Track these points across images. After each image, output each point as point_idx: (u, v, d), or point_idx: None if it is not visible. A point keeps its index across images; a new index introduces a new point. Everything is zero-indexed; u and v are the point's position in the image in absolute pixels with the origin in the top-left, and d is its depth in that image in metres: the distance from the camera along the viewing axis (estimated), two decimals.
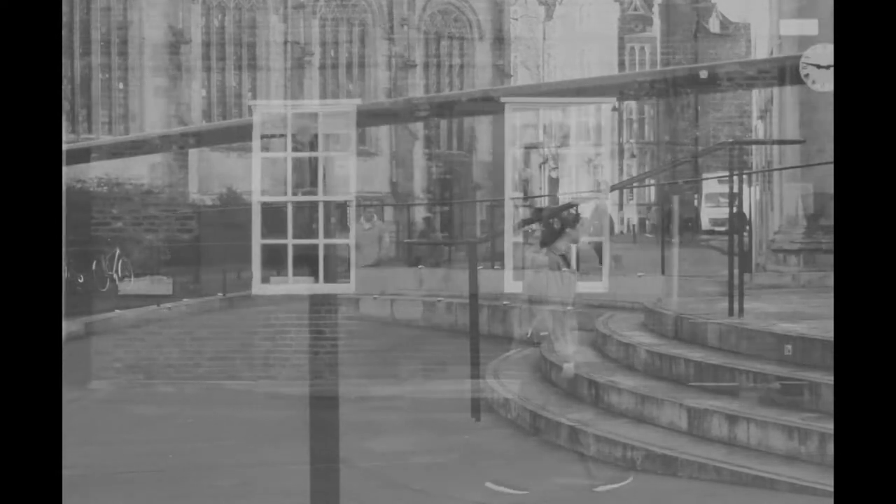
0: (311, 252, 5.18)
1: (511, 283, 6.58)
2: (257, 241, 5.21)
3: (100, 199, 22.42)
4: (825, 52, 4.77)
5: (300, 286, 5.33)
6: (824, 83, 4.77)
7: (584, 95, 5.35)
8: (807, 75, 4.82)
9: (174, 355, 14.97)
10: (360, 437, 9.22)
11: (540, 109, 5.11)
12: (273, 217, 5.37)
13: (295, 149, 5.16)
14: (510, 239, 5.43)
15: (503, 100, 5.07)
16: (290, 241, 5.19)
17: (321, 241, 5.19)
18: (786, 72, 5.08)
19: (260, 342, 15.38)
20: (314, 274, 5.22)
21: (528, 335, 13.13)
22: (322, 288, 5.32)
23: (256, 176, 5.31)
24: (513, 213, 5.49)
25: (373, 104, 19.15)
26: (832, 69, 4.64)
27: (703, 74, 5.33)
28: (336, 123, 5.22)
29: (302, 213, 5.18)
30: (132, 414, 11.55)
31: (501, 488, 8.31)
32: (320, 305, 6.15)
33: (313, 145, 5.21)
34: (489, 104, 5.79)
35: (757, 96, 33.42)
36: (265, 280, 5.28)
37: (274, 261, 5.36)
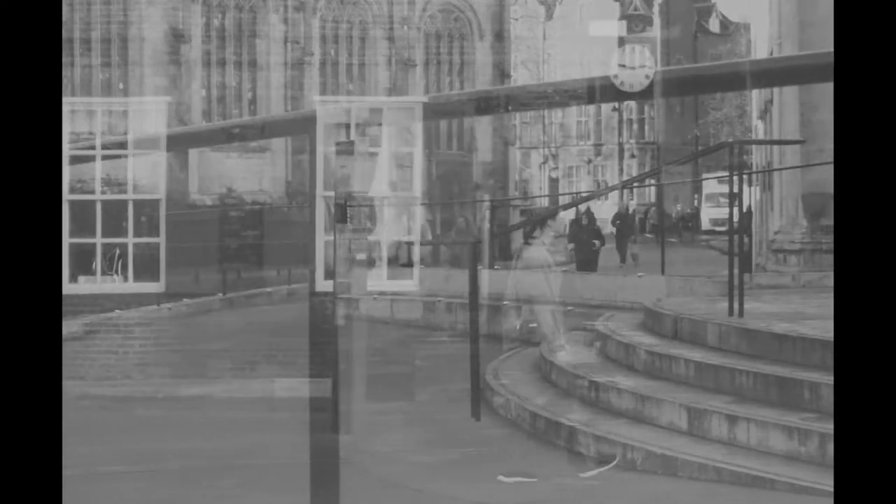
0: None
1: (322, 283, 6.59)
2: (66, 240, 5.18)
3: None
4: (632, 55, 4.85)
5: (108, 286, 5.33)
6: (633, 84, 4.84)
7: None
8: (615, 76, 4.89)
9: None
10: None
11: (351, 108, 5.14)
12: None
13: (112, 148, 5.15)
14: (321, 239, 5.46)
15: (315, 98, 5.09)
16: (98, 241, 5.18)
17: (130, 239, 5.20)
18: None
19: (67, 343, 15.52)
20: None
21: (518, 328, 13.36)
22: (130, 287, 5.33)
23: (66, 173, 5.31)
24: (324, 212, 5.51)
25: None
26: (642, 69, 4.74)
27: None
28: (147, 123, 5.24)
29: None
30: None
31: (514, 479, 8.33)
32: (319, 305, 6.16)
33: (123, 145, 5.22)
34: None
35: (757, 96, 33.37)
36: (73, 279, 5.26)
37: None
